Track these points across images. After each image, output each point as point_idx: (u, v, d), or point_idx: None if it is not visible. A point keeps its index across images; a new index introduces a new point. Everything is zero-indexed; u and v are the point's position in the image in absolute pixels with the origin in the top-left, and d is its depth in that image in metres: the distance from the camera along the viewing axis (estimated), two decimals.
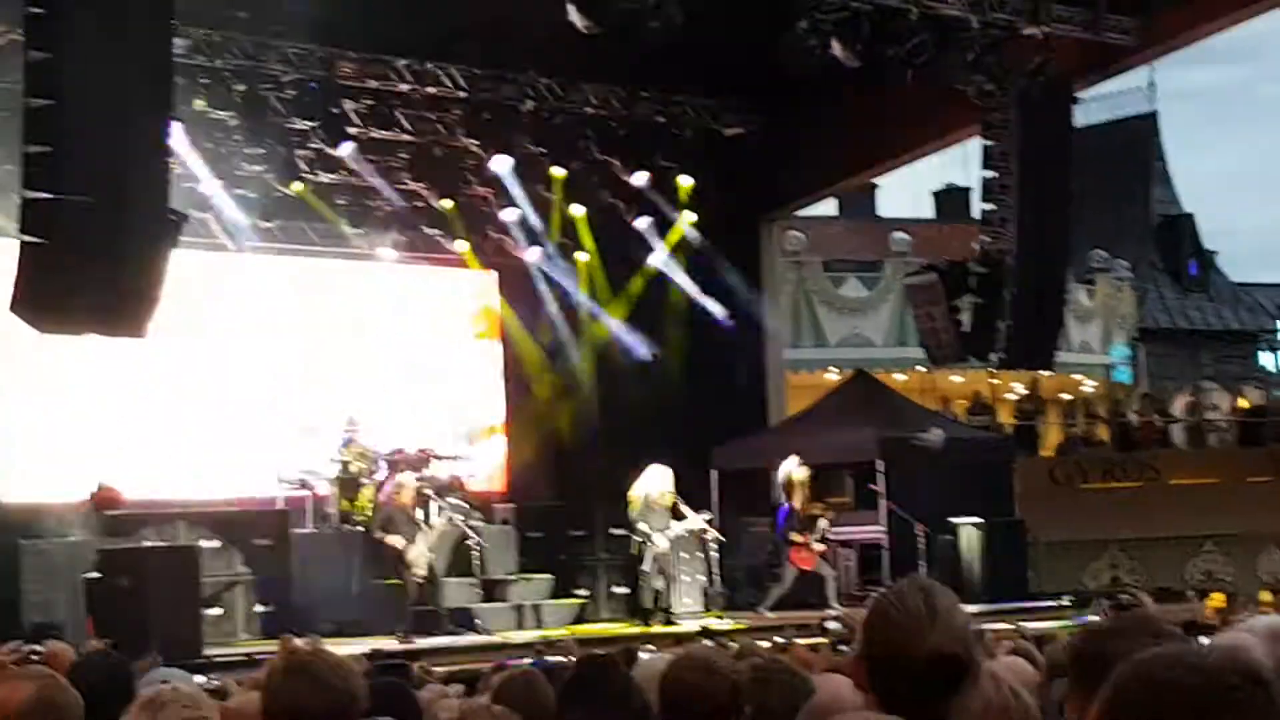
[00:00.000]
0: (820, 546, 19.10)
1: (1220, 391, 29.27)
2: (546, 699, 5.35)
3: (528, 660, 10.10)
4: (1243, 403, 28.19)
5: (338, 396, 20.90)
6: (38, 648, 9.91)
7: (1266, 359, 39.36)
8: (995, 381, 28.65)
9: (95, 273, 12.21)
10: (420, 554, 16.74)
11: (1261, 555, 22.84)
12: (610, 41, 15.95)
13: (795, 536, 19.11)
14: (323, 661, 4.13)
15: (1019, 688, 3.54)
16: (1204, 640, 4.21)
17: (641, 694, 4.25)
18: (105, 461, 18.44)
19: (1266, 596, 20.08)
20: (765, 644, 11.64)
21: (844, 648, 9.74)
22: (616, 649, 9.53)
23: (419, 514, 17.39)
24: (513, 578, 19.35)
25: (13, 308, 12.35)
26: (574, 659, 7.00)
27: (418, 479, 18.06)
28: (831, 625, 15.13)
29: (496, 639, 16.70)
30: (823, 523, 19.30)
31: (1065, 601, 19.32)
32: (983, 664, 3.49)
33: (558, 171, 21.11)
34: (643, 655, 8.89)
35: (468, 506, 18.73)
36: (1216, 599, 20.03)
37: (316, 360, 21.21)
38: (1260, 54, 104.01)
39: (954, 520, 20.14)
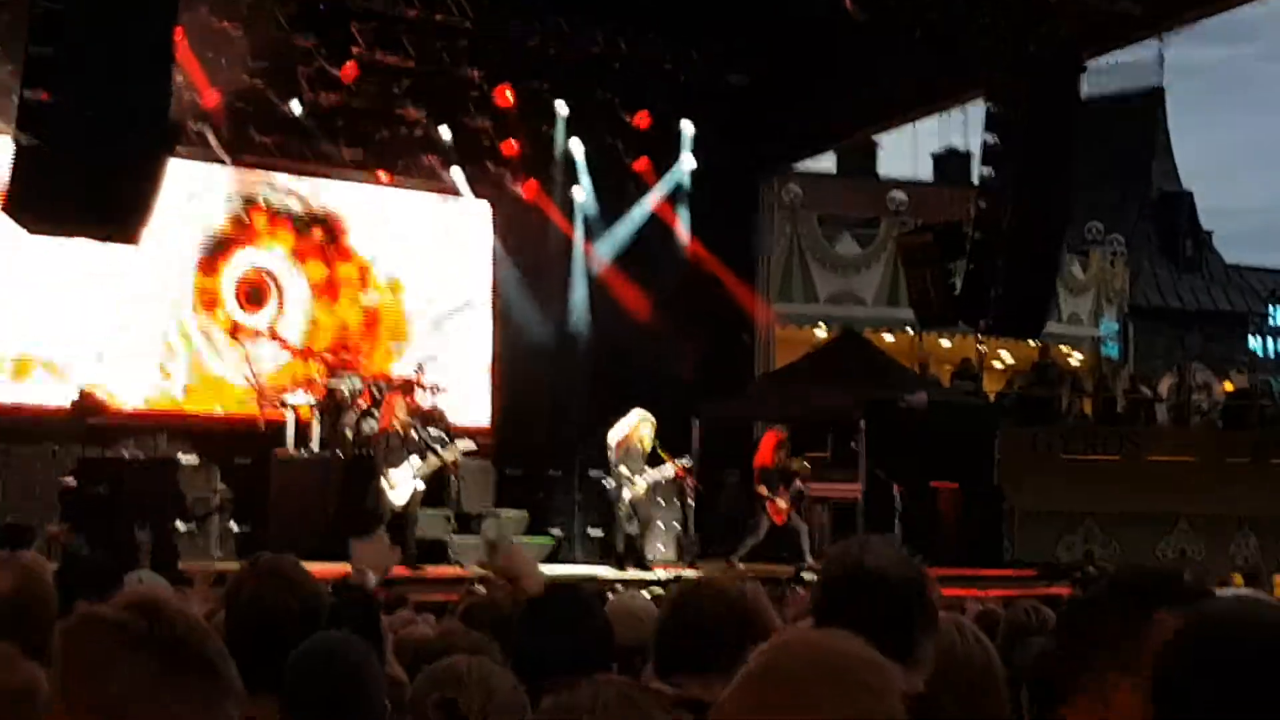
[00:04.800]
0: (784, 504, 19.08)
1: (1206, 371, 29.28)
2: (509, 621, 5.34)
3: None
4: (1228, 385, 28.20)
5: (325, 320, 20.90)
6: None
7: (1254, 342, 39.38)
8: (983, 348, 28.65)
9: (89, 177, 12.15)
10: (402, 481, 16.71)
11: (1235, 537, 22.85)
12: None
13: (763, 491, 19.11)
14: (290, 564, 4.12)
15: (984, 639, 3.54)
16: None
17: (605, 616, 4.23)
18: (90, 368, 18.41)
19: (1239, 580, 20.07)
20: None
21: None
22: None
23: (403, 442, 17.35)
24: (486, 512, 19.36)
25: (3, 207, 12.30)
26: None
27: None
28: (808, 576, 15.19)
29: (468, 572, 16.71)
30: (797, 482, 19.32)
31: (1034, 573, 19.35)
32: (947, 615, 3.50)
33: (560, 107, 21.03)
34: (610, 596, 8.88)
35: (447, 438, 18.69)
36: None
37: (301, 281, 21.11)
38: (1264, 32, 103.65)
39: (932, 484, 20.15)
